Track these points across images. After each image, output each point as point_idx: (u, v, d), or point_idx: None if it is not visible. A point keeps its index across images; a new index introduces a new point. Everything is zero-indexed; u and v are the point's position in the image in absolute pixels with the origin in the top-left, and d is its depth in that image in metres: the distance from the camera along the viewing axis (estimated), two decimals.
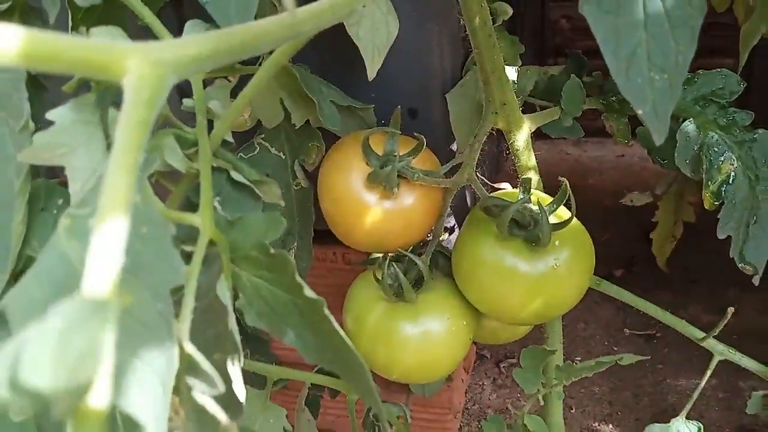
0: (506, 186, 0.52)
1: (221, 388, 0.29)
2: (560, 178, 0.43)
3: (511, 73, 0.54)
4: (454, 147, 0.54)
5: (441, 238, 0.53)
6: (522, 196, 0.45)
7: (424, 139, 0.46)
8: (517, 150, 0.49)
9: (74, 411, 0.14)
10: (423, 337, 0.48)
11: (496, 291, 0.45)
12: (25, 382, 0.13)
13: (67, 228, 0.22)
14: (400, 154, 0.46)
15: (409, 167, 0.46)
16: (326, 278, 0.71)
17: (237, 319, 0.34)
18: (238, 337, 0.33)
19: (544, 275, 0.44)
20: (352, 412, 0.53)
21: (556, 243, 0.44)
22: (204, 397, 0.28)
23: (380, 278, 0.49)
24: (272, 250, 0.32)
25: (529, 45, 0.67)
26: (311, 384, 0.60)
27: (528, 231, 0.44)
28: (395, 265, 0.48)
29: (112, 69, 0.18)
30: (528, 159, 0.50)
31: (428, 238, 0.53)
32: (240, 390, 0.34)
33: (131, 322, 0.21)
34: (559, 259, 0.44)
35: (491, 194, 0.46)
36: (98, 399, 0.14)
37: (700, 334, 0.52)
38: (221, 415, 0.29)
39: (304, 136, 0.54)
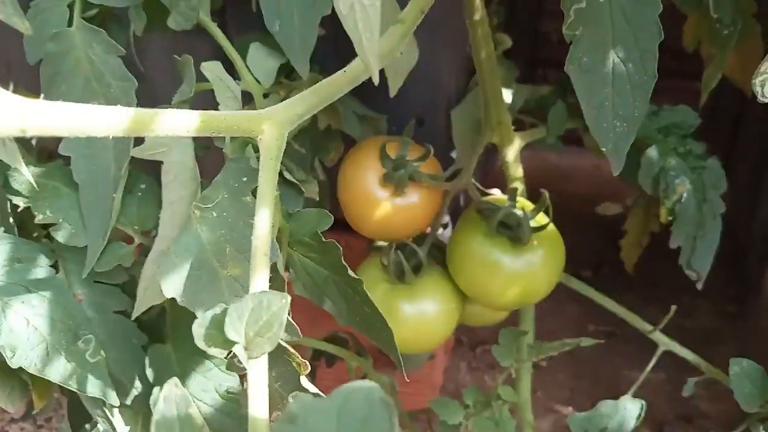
0: (497, 192, 0.61)
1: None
2: (542, 190, 0.53)
3: (507, 95, 0.63)
4: (453, 155, 0.63)
5: (437, 233, 0.62)
6: (509, 203, 0.54)
7: (432, 148, 0.55)
8: (507, 162, 0.59)
9: None
10: (418, 315, 0.57)
11: (483, 279, 0.54)
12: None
13: (198, 217, 0.31)
14: (410, 159, 0.55)
15: (417, 171, 0.55)
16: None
17: None
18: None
19: (523, 269, 0.53)
20: (352, 376, 0.62)
21: (534, 243, 0.53)
22: None
23: (386, 263, 0.58)
24: (323, 239, 0.41)
25: (521, 54, 0.76)
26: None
27: (512, 231, 0.53)
28: (399, 253, 0.57)
29: (254, 131, 0.27)
30: (516, 170, 0.59)
31: (427, 232, 0.62)
32: None
33: None
34: (535, 256, 0.53)
35: (484, 198, 0.55)
36: None
37: (649, 327, 0.62)
38: None
39: (326, 137, 0.63)
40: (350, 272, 0.40)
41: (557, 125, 0.65)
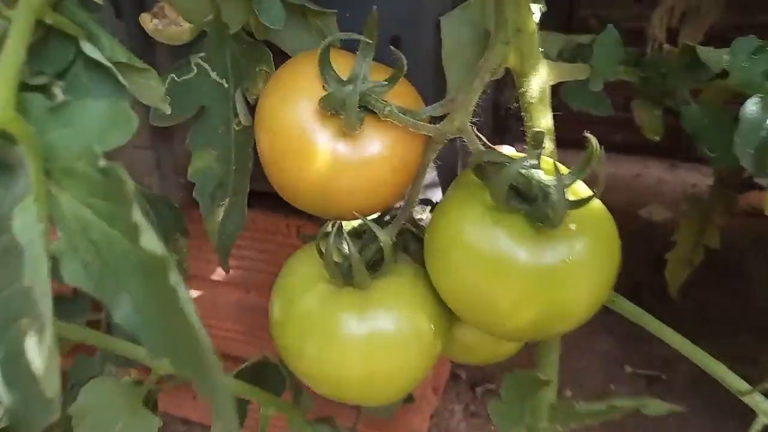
0: (510, 150, 0.39)
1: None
2: (586, 133, 0.30)
3: (535, 9, 0.41)
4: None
5: (412, 211, 0.40)
6: (530, 158, 0.31)
7: (404, 64, 0.33)
8: (528, 102, 0.36)
9: None
10: (373, 338, 0.35)
11: (480, 285, 0.32)
12: None
13: None
14: (371, 79, 0.33)
15: (381, 99, 0.33)
16: (275, 255, 0.57)
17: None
18: (47, 298, 0.21)
19: (551, 269, 0.31)
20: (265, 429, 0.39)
21: (572, 227, 0.31)
22: None
23: (325, 252, 0.36)
24: (103, 162, 0.19)
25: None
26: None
27: (533, 205, 0.31)
28: (347, 237, 0.35)
29: None
30: (541, 117, 0.37)
31: (395, 208, 0.40)
32: (49, 376, 0.22)
33: None
34: (573, 249, 0.31)
35: (488, 149, 0.33)
36: None
37: (744, 385, 0.39)
38: None
39: (252, 56, 0.41)
40: (144, 239, 0.18)
41: (607, 63, 0.43)
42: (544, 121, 0.37)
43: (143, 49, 0.46)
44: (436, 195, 0.46)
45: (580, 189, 0.33)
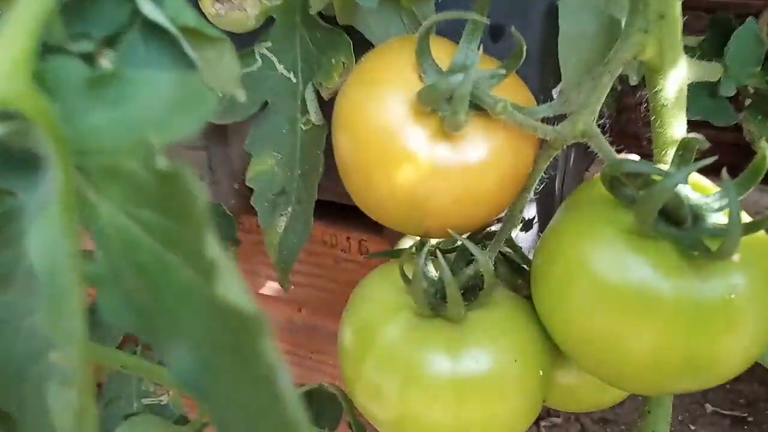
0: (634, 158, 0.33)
1: None
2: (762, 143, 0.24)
3: None
4: (556, 90, 0.35)
5: (512, 232, 0.34)
6: (679, 169, 0.25)
7: (523, 49, 0.27)
8: (662, 105, 0.30)
9: None
10: (467, 382, 0.29)
11: (611, 325, 0.26)
12: None
13: None
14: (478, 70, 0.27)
15: (490, 94, 0.27)
16: (332, 271, 0.52)
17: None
18: (75, 342, 0.16)
19: (707, 308, 0.24)
20: None
21: (735, 258, 0.25)
22: None
23: (411, 277, 0.30)
24: (163, 162, 0.13)
25: None
26: None
27: (684, 230, 0.25)
28: (441, 259, 0.29)
29: None
30: (676, 124, 0.31)
31: (492, 226, 0.34)
32: None
33: None
34: (736, 284, 0.25)
35: (623, 157, 0.27)
36: None
37: None
38: None
39: (328, 45, 0.36)
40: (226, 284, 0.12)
41: (743, 63, 0.36)
42: (678, 128, 0.31)
43: None
44: (529, 211, 0.40)
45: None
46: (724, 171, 0.23)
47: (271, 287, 0.58)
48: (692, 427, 0.71)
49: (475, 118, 0.27)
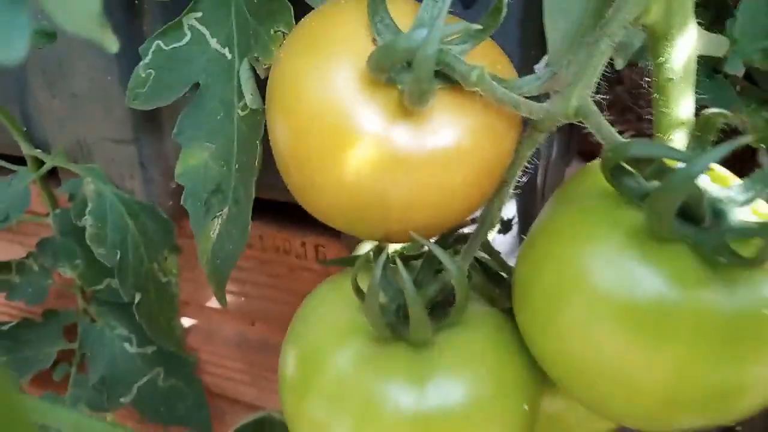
0: None
1: None
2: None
3: None
4: (539, 66, 0.30)
5: (488, 234, 0.28)
6: (702, 153, 0.20)
7: (504, 5, 0.21)
8: (667, 78, 0.25)
9: None
10: (437, 420, 0.23)
11: (616, 349, 0.20)
12: None
13: None
14: (447, 32, 0.22)
15: (460, 59, 0.21)
16: (286, 280, 0.46)
17: None
18: None
19: (740, 327, 0.19)
20: None
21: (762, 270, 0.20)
22: None
23: (366, 289, 0.24)
24: None
25: None
26: None
27: (704, 230, 0.20)
28: (401, 269, 0.23)
29: None
30: (682, 101, 0.25)
31: (465, 228, 0.28)
32: None
33: None
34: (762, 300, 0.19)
35: (631, 140, 0.21)
36: None
37: None
38: None
39: (266, 15, 0.30)
40: None
41: (751, 35, 0.31)
42: (686, 107, 0.25)
43: (127, 7, 0.35)
44: (508, 210, 0.34)
45: (761, 209, 0.22)
46: (761, 153, 0.18)
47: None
48: None
49: (444, 93, 0.22)
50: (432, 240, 0.25)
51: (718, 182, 0.22)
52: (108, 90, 0.38)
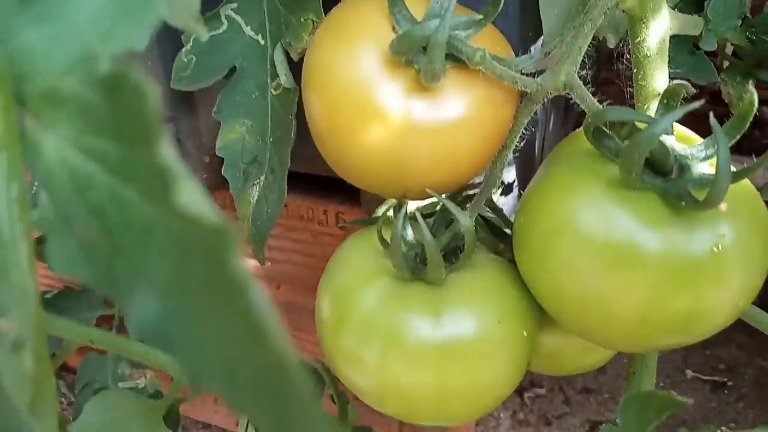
0: None
1: None
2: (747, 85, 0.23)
3: None
4: (535, 47, 0.34)
5: (491, 193, 0.33)
6: (660, 118, 0.24)
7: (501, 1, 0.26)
8: (644, 55, 0.29)
9: None
10: (451, 346, 0.28)
11: (598, 283, 0.25)
12: None
13: None
14: (454, 18, 0.26)
15: (467, 44, 0.26)
16: (310, 246, 0.51)
17: None
18: (27, 300, 0.14)
19: (696, 261, 0.24)
20: None
21: (722, 207, 0.24)
22: None
23: (389, 238, 0.29)
24: (106, 66, 0.12)
25: None
26: None
27: (669, 180, 0.24)
28: (420, 219, 0.28)
29: None
30: (658, 76, 0.30)
31: (471, 191, 0.33)
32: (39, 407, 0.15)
33: None
34: (724, 235, 0.24)
35: (609, 107, 0.26)
36: None
37: None
38: None
39: (295, 4, 0.34)
40: (218, 224, 0.11)
41: (723, 16, 0.35)
42: (661, 80, 0.30)
43: None
44: (509, 175, 0.39)
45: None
46: (711, 116, 0.23)
47: (247, 265, 0.56)
48: (673, 394, 0.71)
49: (453, 71, 0.26)
50: (444, 196, 0.29)
51: (684, 142, 0.26)
52: (147, 73, 0.43)
